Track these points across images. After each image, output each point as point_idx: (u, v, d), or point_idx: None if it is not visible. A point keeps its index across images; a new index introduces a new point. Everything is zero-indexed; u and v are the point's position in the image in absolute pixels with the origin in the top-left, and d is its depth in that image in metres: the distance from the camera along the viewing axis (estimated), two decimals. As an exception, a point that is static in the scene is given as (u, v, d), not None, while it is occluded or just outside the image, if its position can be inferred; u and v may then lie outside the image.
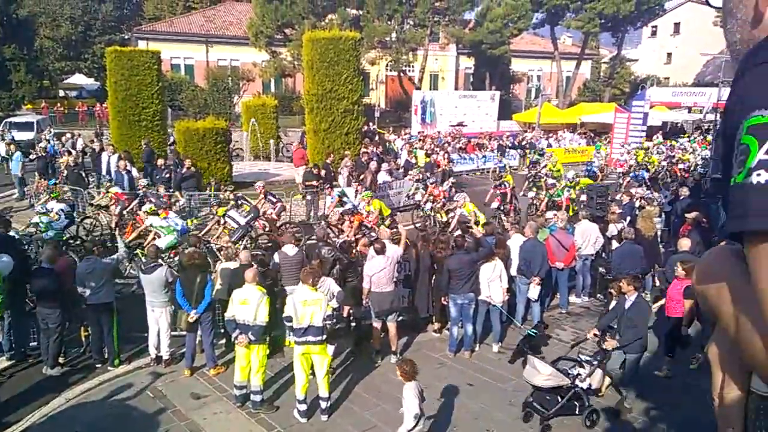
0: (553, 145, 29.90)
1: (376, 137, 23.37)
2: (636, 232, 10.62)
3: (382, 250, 8.56)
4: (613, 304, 7.82)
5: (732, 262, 0.85)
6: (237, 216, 12.26)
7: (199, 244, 11.16)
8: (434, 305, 9.61)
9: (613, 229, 11.77)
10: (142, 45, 34.03)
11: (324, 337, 6.96)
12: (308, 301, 6.85)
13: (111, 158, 16.88)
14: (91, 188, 16.60)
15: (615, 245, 11.16)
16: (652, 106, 32.07)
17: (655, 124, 32.91)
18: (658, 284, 10.61)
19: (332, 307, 7.18)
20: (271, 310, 7.33)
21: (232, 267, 8.55)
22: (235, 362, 7.56)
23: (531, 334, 8.34)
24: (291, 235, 9.97)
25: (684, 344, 8.38)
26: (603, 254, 11.75)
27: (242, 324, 7.11)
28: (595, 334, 7.37)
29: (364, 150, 18.76)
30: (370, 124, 25.14)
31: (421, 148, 23.26)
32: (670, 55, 52.87)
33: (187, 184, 15.35)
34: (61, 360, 8.36)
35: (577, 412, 6.82)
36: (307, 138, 19.82)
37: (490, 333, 9.35)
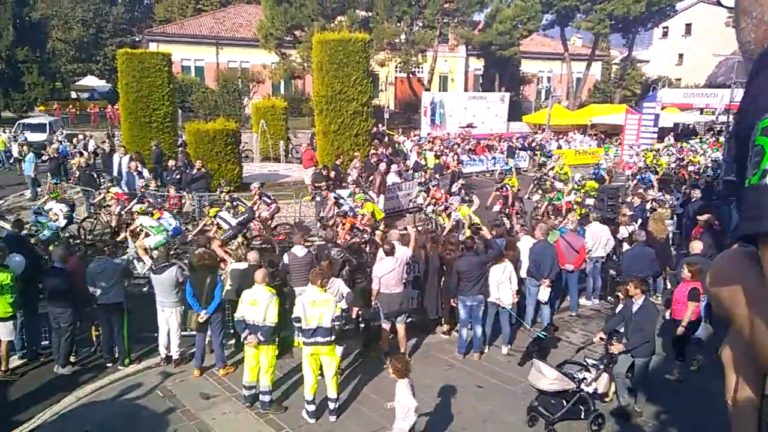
0: (563, 146, 29.79)
1: (386, 139, 23.39)
2: (647, 235, 10.55)
3: (391, 252, 8.56)
4: (620, 307, 7.75)
5: (746, 265, 0.84)
6: (228, 217, 12.40)
7: (209, 245, 11.24)
8: (443, 307, 9.58)
9: (624, 232, 11.70)
10: (153, 47, 34.28)
11: (333, 338, 6.97)
12: (317, 302, 6.86)
13: (122, 159, 17.03)
14: (103, 189, 16.71)
15: (626, 247, 11.10)
16: (663, 108, 31.88)
17: (667, 126, 32.64)
18: (669, 287, 10.54)
19: (341, 308, 7.19)
20: (280, 311, 7.35)
21: (241, 268, 8.59)
22: (244, 362, 7.58)
23: (540, 336, 8.31)
24: (301, 236, 10.00)
25: (692, 346, 8.32)
26: (614, 256, 11.69)
27: (252, 324, 7.14)
28: (602, 338, 7.32)
29: (374, 151, 18.78)
30: (380, 125, 25.17)
31: (430, 150, 23.23)
32: (681, 56, 52.49)
33: (198, 185, 15.45)
34: (72, 359, 8.43)
35: (583, 417, 6.76)
36: (317, 139, 19.86)
37: (499, 335, 9.32)
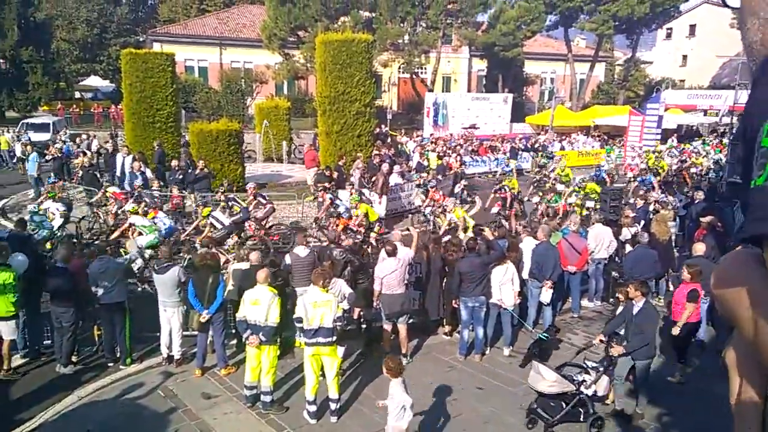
0: (566, 147, 29.75)
1: (389, 139, 23.35)
2: (650, 236, 10.52)
3: (393, 252, 8.55)
4: (621, 309, 7.72)
5: (751, 266, 0.83)
6: (221, 217, 12.46)
7: (212, 245, 11.26)
8: (445, 308, 9.57)
9: (626, 233, 11.67)
10: (157, 47, 34.33)
11: (334, 339, 6.97)
12: (319, 303, 6.86)
13: (125, 159, 17.06)
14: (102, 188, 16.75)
15: (628, 249, 11.06)
16: (666, 109, 31.77)
17: (670, 127, 32.55)
18: (672, 289, 10.50)
19: (343, 309, 7.19)
20: (282, 311, 7.35)
21: (243, 268, 8.59)
22: (245, 363, 7.60)
23: (542, 338, 8.29)
24: (303, 237, 10.01)
25: (695, 349, 8.28)
26: (616, 258, 11.66)
27: (253, 324, 7.14)
28: (601, 340, 7.28)
29: (376, 152, 18.76)
30: (383, 126, 25.14)
31: (433, 151, 23.22)
32: (685, 58, 52.36)
33: (200, 185, 15.47)
34: (74, 358, 8.45)
35: (582, 420, 6.73)
36: (320, 140, 19.86)
37: (501, 336, 9.30)
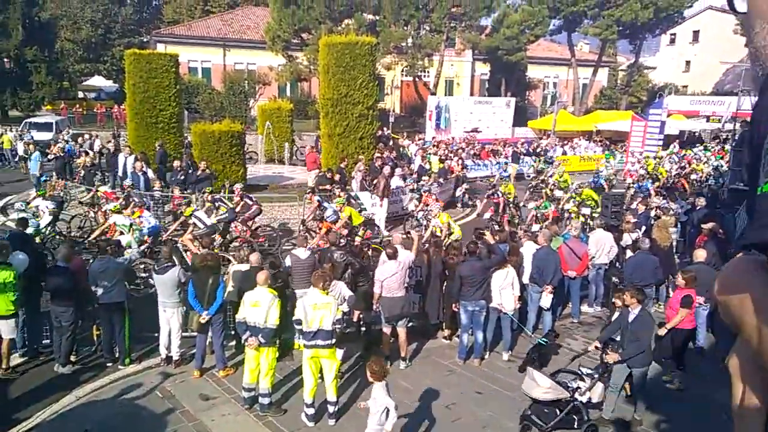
0: (568, 152, 29.74)
1: (390, 142, 23.38)
2: (651, 242, 10.50)
3: (393, 255, 8.54)
4: (616, 315, 7.69)
5: (755, 273, 0.83)
6: (204, 217, 12.52)
7: (212, 246, 11.26)
8: (445, 312, 9.56)
9: (627, 239, 11.64)
10: (161, 48, 34.42)
11: (333, 342, 6.96)
12: (318, 305, 6.85)
13: (127, 159, 17.10)
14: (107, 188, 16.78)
15: (629, 255, 11.04)
16: (669, 115, 31.78)
17: (673, 133, 32.52)
18: (672, 295, 10.47)
19: (342, 311, 7.18)
20: (281, 313, 7.35)
21: (243, 269, 8.59)
22: (244, 364, 7.58)
23: (541, 342, 8.29)
24: (304, 239, 10.01)
25: (695, 355, 8.25)
26: (617, 264, 11.63)
27: (253, 326, 7.14)
28: (597, 347, 7.26)
29: (378, 155, 18.78)
30: (385, 129, 25.16)
31: (435, 154, 23.23)
32: (688, 63, 52.30)
33: (202, 186, 15.49)
34: (72, 358, 8.45)
35: (576, 426, 6.69)
36: (322, 142, 19.88)
37: (500, 341, 9.28)
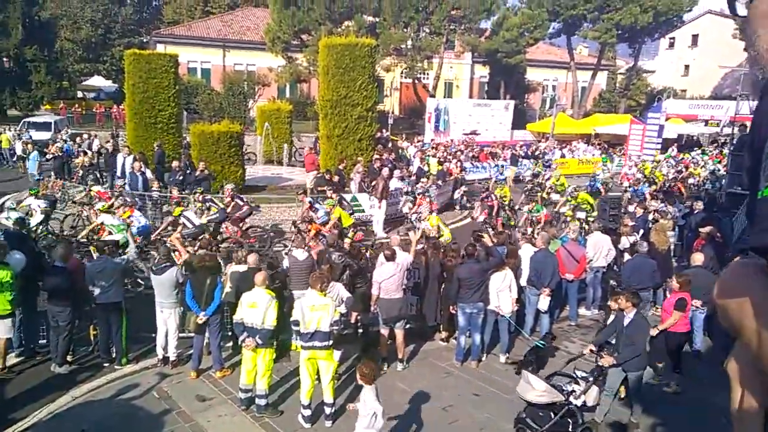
0: (566, 155, 29.78)
1: (389, 144, 23.39)
2: (649, 246, 10.52)
3: (392, 257, 8.54)
4: (611, 319, 7.68)
5: (755, 277, 0.83)
6: (193, 216, 12.55)
7: (210, 247, 11.25)
8: (442, 314, 9.57)
9: (625, 242, 11.66)
10: (161, 48, 34.41)
11: (331, 343, 6.95)
12: (316, 306, 6.85)
13: (126, 159, 17.08)
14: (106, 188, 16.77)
15: (627, 258, 11.05)
16: (668, 119, 31.83)
17: (671, 137, 32.58)
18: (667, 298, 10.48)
19: (340, 313, 7.17)
20: (279, 314, 7.34)
21: (241, 270, 8.59)
22: (241, 365, 7.57)
23: (539, 345, 8.29)
24: (302, 240, 10.01)
25: (689, 358, 8.25)
26: (615, 267, 11.65)
27: (250, 327, 7.13)
28: (591, 350, 7.26)
29: (377, 156, 18.78)
30: (384, 130, 25.17)
31: (433, 156, 23.25)
32: (687, 67, 52.43)
33: (201, 187, 15.46)
34: (69, 358, 8.43)
35: (570, 430, 6.66)
36: (321, 143, 19.88)
37: (497, 343, 9.29)
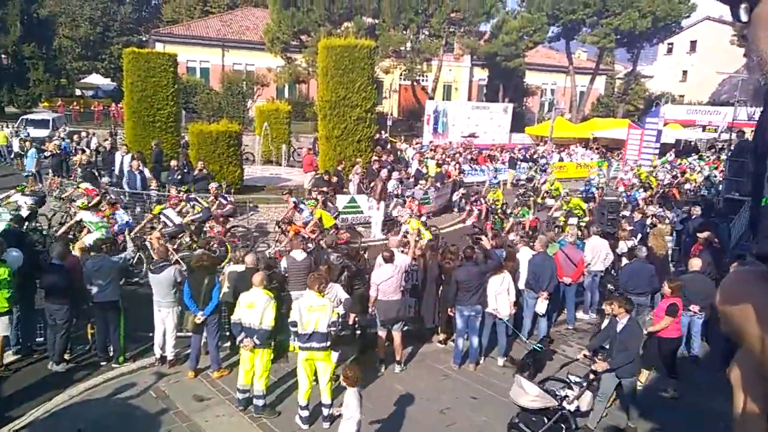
0: (564, 159, 29.85)
1: (388, 146, 23.40)
2: (647, 250, 10.54)
3: (390, 259, 8.55)
4: (605, 323, 7.69)
5: (757, 283, 0.83)
6: (173, 215, 12.59)
7: (208, 246, 11.26)
8: (440, 316, 9.57)
9: (623, 246, 11.68)
10: (160, 47, 34.34)
11: (328, 344, 6.95)
12: (314, 307, 6.84)
13: (124, 158, 17.04)
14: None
15: (624, 262, 11.07)
16: (666, 124, 31.91)
17: (669, 142, 32.66)
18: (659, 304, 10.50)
19: (338, 314, 7.17)
20: (277, 315, 7.34)
21: (239, 270, 8.57)
22: (238, 366, 7.56)
23: (536, 348, 8.29)
24: (300, 241, 10.01)
25: (686, 363, 8.25)
26: (612, 271, 11.67)
27: (248, 327, 7.12)
28: (585, 355, 7.26)
29: (376, 158, 18.79)
30: (382, 132, 25.19)
31: (432, 158, 23.26)
32: (685, 73, 52.57)
33: (199, 186, 15.49)
34: (66, 356, 8.40)
35: None
36: (319, 144, 19.89)
37: (495, 346, 9.30)
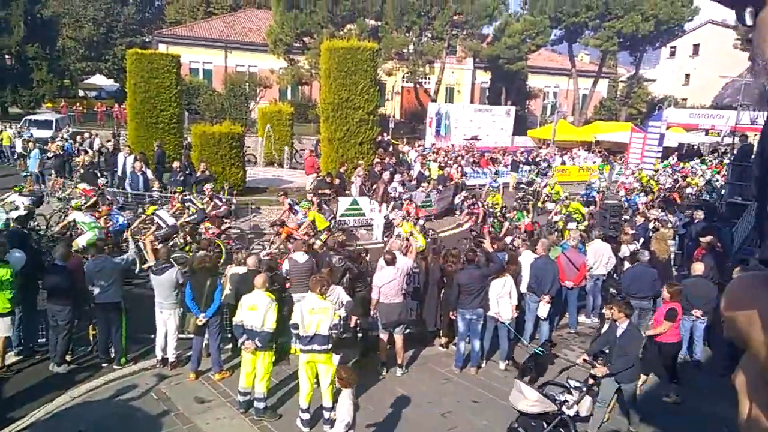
0: (567, 162, 29.82)
1: (390, 148, 23.41)
2: (650, 254, 10.51)
3: (392, 261, 8.54)
4: (605, 328, 7.66)
5: (763, 288, 0.83)
6: (166, 216, 12.67)
7: (210, 248, 11.25)
8: (442, 319, 9.56)
9: (625, 250, 11.66)
10: (163, 48, 34.37)
11: (330, 347, 6.94)
12: (315, 310, 6.83)
13: (127, 159, 17.07)
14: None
15: (627, 266, 11.05)
16: (668, 127, 31.87)
17: (672, 146, 32.63)
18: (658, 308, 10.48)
19: (339, 316, 7.16)
20: (278, 317, 7.33)
21: (241, 272, 8.57)
22: (240, 368, 7.56)
23: (538, 352, 8.27)
24: (302, 243, 10.00)
25: (689, 368, 8.23)
26: (615, 275, 11.64)
27: (249, 330, 7.11)
28: (585, 360, 7.24)
29: (378, 160, 18.80)
30: (385, 134, 25.21)
31: (434, 161, 23.26)
32: (688, 77, 52.51)
33: (201, 188, 15.49)
34: (68, 357, 8.41)
35: None
36: (322, 146, 19.91)
37: (497, 350, 9.28)
